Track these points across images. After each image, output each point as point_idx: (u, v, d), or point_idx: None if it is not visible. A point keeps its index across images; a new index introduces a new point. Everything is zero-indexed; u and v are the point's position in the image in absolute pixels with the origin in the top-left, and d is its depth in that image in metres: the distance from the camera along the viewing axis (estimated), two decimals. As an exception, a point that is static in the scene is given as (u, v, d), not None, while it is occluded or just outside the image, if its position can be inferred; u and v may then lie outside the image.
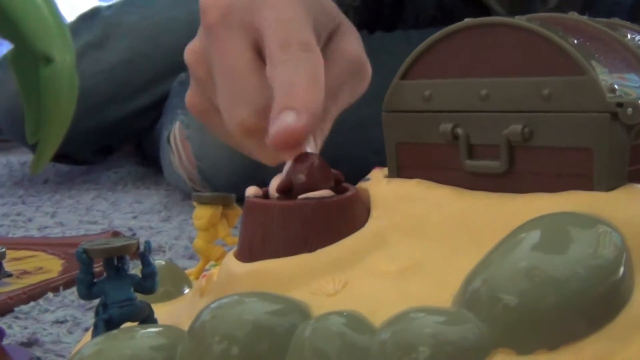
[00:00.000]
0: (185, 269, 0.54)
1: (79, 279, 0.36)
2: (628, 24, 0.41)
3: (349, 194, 0.36)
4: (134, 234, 0.78)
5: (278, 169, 0.37)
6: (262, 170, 0.83)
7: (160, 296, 0.45)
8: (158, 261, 0.49)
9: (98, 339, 0.31)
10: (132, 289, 0.36)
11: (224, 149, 0.85)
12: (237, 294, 0.31)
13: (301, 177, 0.35)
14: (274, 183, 0.36)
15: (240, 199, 0.94)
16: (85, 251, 0.35)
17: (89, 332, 0.40)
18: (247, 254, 0.36)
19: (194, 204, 0.50)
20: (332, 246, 0.34)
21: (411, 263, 0.33)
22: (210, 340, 0.29)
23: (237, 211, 0.51)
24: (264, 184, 0.93)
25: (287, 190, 0.35)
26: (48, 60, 0.27)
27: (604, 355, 0.27)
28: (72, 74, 0.29)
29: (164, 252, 0.67)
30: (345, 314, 0.29)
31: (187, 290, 0.48)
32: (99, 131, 1.14)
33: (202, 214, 0.50)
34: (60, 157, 1.14)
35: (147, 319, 0.37)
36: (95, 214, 0.92)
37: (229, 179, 0.86)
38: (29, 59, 0.28)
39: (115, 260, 0.36)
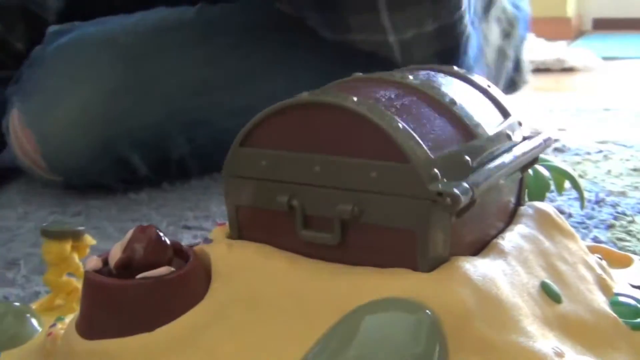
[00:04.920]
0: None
1: None
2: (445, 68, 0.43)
3: (187, 268, 0.36)
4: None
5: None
6: (111, 149, 0.82)
7: (9, 341, 0.44)
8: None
9: None
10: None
11: (68, 131, 0.82)
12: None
13: (139, 251, 0.36)
14: (114, 253, 0.36)
15: (94, 186, 0.90)
16: None
17: None
18: (87, 328, 0.36)
19: (42, 239, 0.49)
20: (171, 324, 0.35)
21: (250, 343, 0.34)
22: None
23: (88, 243, 0.50)
24: (116, 162, 0.90)
25: (125, 266, 0.35)
26: None
27: None
28: None
29: (19, 265, 0.64)
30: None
31: (36, 324, 0.47)
32: None
33: (50, 248, 0.49)
34: None
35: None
36: None
37: (77, 162, 0.83)
38: None
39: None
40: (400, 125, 0.34)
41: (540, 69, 1.92)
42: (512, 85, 1.13)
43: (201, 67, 0.89)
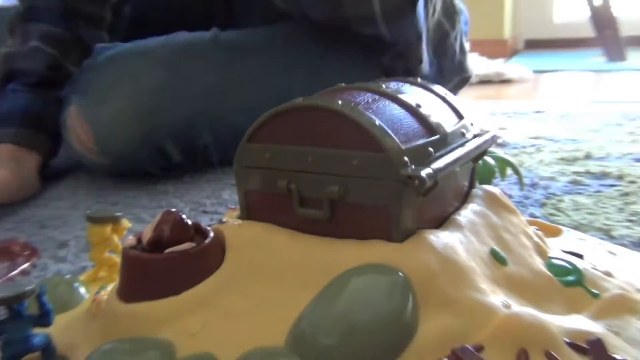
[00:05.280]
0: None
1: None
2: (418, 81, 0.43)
3: (206, 243, 0.36)
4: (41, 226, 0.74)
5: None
6: (151, 138, 0.83)
7: (62, 306, 0.44)
8: (54, 277, 0.47)
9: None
10: (31, 327, 0.35)
11: (117, 121, 0.83)
12: (117, 341, 0.31)
13: (167, 231, 0.35)
14: (146, 233, 0.36)
15: (137, 171, 0.90)
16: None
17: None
18: (125, 294, 0.35)
19: (87, 223, 0.48)
20: (193, 289, 0.34)
21: (258, 303, 0.34)
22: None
23: (125, 226, 0.50)
24: (155, 150, 0.89)
25: (156, 244, 0.35)
26: None
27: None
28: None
29: (69, 245, 0.64)
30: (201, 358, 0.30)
31: (83, 292, 0.47)
32: None
33: (95, 231, 0.48)
34: None
35: (47, 347, 0.36)
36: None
37: (124, 147, 0.83)
38: None
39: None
40: (377, 122, 0.34)
41: (484, 81, 1.92)
42: (460, 69, 1.11)
43: (220, 72, 0.90)
